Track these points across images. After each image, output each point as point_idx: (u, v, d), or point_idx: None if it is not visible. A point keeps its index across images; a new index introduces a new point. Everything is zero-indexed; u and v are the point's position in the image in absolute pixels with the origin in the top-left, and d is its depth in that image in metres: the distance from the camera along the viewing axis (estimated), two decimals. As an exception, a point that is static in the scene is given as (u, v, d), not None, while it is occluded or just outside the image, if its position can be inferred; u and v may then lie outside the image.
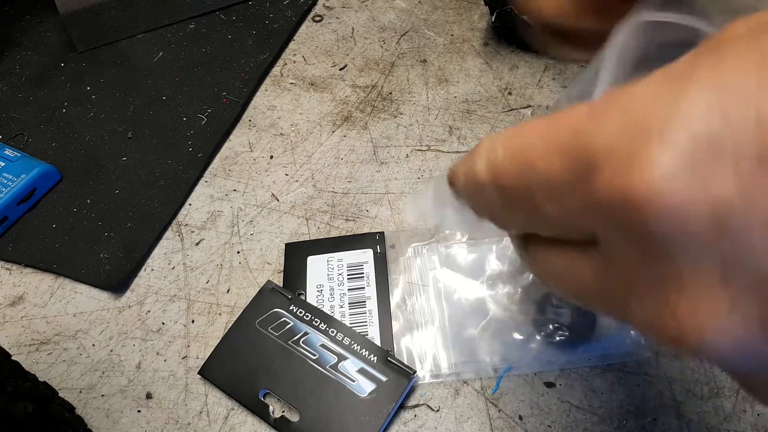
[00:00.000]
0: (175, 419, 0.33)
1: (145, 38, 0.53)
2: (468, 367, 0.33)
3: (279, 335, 0.34)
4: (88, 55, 0.53)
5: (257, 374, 0.33)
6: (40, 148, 0.46)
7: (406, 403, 0.33)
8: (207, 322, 0.37)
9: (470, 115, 0.46)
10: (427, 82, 0.48)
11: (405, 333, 0.35)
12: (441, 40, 0.51)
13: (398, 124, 0.46)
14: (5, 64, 0.53)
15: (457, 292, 0.36)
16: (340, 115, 0.47)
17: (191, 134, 0.46)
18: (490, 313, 0.35)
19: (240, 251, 0.40)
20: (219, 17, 0.54)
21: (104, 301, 0.38)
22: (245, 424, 0.33)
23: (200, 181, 0.44)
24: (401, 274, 0.37)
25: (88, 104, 0.49)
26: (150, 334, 0.36)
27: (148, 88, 0.50)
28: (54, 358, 0.36)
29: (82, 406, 0.34)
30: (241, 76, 0.49)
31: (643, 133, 0.12)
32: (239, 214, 0.42)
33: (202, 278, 0.39)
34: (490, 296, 0.35)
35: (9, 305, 0.38)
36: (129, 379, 0.35)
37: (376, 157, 0.44)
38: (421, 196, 0.24)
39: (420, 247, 0.38)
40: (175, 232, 0.41)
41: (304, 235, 0.40)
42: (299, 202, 0.42)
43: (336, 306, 0.36)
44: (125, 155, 0.45)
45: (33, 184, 0.42)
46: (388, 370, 0.32)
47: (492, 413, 0.32)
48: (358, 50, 0.51)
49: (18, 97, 0.50)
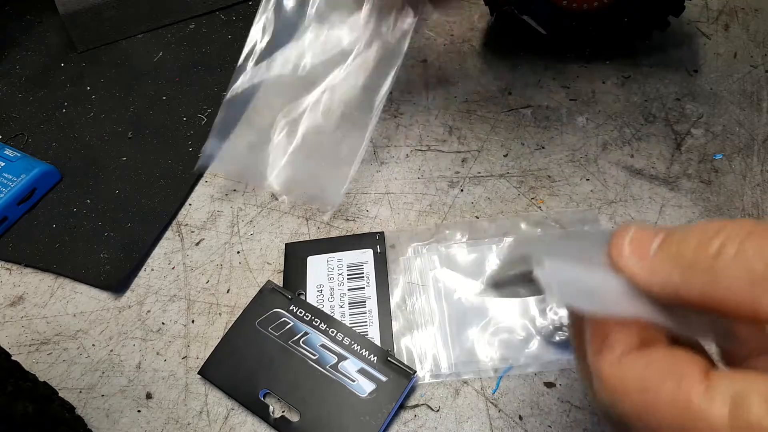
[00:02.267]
0: (175, 419, 0.33)
1: (145, 38, 0.53)
2: (468, 367, 0.33)
3: (279, 335, 0.34)
4: (88, 55, 0.53)
5: (257, 374, 0.33)
6: (40, 148, 0.46)
7: (406, 403, 0.33)
8: (207, 322, 0.37)
9: (470, 115, 0.46)
10: (427, 82, 0.48)
11: (405, 333, 0.35)
12: (441, 40, 0.51)
13: (398, 124, 0.46)
14: (5, 64, 0.53)
15: (457, 292, 0.36)
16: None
17: (191, 134, 0.46)
18: (490, 313, 0.35)
19: (240, 251, 0.40)
20: (219, 17, 0.54)
21: (104, 301, 0.38)
22: (245, 424, 0.33)
23: (200, 181, 0.44)
24: (401, 274, 0.37)
25: (88, 104, 0.49)
26: (150, 334, 0.36)
27: (148, 88, 0.50)
28: (54, 358, 0.36)
29: (82, 406, 0.34)
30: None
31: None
32: (239, 214, 0.42)
33: (202, 278, 0.39)
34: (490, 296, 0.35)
35: (9, 305, 0.38)
36: (129, 379, 0.35)
37: (376, 157, 0.44)
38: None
39: (420, 247, 0.38)
40: (175, 232, 0.41)
41: (304, 235, 0.40)
42: (299, 202, 0.42)
43: (336, 306, 0.36)
44: (125, 155, 0.45)
45: (33, 184, 0.42)
46: (388, 370, 0.32)
47: (492, 413, 0.32)
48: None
49: (18, 97, 0.50)
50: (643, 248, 0.18)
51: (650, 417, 0.17)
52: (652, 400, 0.16)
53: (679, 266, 0.17)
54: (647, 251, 0.18)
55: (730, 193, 0.40)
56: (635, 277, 0.18)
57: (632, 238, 0.18)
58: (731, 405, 0.15)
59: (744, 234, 0.16)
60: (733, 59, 0.48)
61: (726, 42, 0.49)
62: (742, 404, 0.15)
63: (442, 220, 0.40)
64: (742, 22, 0.50)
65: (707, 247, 0.16)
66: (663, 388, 0.16)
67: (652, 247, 0.18)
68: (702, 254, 0.16)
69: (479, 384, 0.33)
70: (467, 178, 0.42)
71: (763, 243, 0.15)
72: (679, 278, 0.17)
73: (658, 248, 0.17)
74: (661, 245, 0.17)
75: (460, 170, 0.43)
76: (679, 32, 0.49)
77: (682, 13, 0.44)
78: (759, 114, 0.44)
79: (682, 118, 0.44)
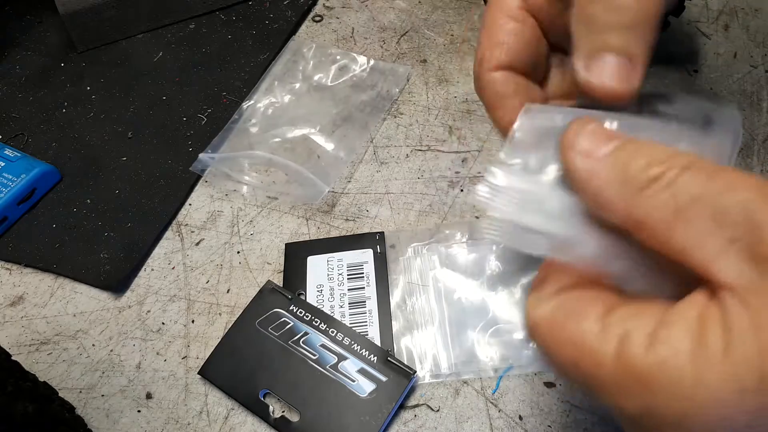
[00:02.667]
0: (175, 419, 0.33)
1: (145, 38, 0.53)
2: (468, 367, 0.33)
3: (279, 335, 0.34)
4: (88, 55, 0.53)
5: (257, 374, 0.33)
6: (40, 148, 0.46)
7: (406, 403, 0.33)
8: (207, 322, 0.37)
9: (470, 115, 0.46)
10: (427, 82, 0.48)
11: (405, 333, 0.35)
12: (441, 40, 0.51)
13: (398, 124, 0.46)
14: (5, 64, 0.53)
15: (457, 292, 0.36)
16: (340, 115, 0.47)
17: (191, 134, 0.46)
18: (490, 313, 0.35)
19: (240, 251, 0.40)
20: (219, 17, 0.54)
21: (104, 301, 0.38)
22: (245, 424, 0.33)
23: (200, 181, 0.44)
24: (401, 274, 0.37)
25: (88, 104, 0.49)
26: (150, 334, 0.36)
27: (148, 88, 0.50)
28: (54, 358, 0.36)
29: (82, 406, 0.34)
30: (241, 76, 0.49)
31: None
32: (239, 214, 0.42)
33: (202, 278, 0.39)
34: (490, 296, 0.35)
35: (9, 305, 0.38)
36: (129, 379, 0.35)
37: (376, 157, 0.44)
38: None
39: (420, 247, 0.38)
40: (175, 232, 0.41)
41: (304, 235, 0.40)
42: (299, 202, 0.42)
43: (336, 306, 0.36)
44: (125, 155, 0.45)
45: (33, 184, 0.42)
46: (388, 370, 0.32)
47: (492, 413, 0.32)
48: (358, 50, 0.51)
49: (18, 97, 0.50)
50: (595, 147, 0.18)
51: (554, 356, 0.17)
52: (556, 338, 0.17)
53: (619, 179, 0.17)
54: (597, 151, 0.18)
55: (730, 193, 0.40)
56: (574, 172, 0.18)
57: (588, 131, 0.18)
58: (617, 342, 0.16)
59: (684, 164, 0.16)
60: (732, 59, 0.48)
61: (726, 42, 0.49)
62: (626, 341, 0.16)
63: (442, 220, 0.40)
64: (742, 22, 0.50)
65: (652, 168, 0.16)
66: (565, 328, 0.17)
67: (603, 150, 0.18)
68: (643, 175, 0.16)
69: (479, 384, 0.33)
70: (467, 178, 0.42)
71: (696, 175, 0.16)
72: (614, 191, 0.17)
73: (610, 153, 0.18)
74: (614, 151, 0.18)
75: (460, 170, 0.42)
76: (679, 32, 0.49)
77: (682, 13, 0.44)
78: (759, 114, 0.44)
79: (682, 118, 0.44)
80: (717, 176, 0.16)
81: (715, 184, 0.15)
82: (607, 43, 0.19)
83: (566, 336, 0.17)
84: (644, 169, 0.17)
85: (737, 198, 0.15)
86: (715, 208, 0.15)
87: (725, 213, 0.15)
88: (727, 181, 0.15)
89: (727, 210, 0.15)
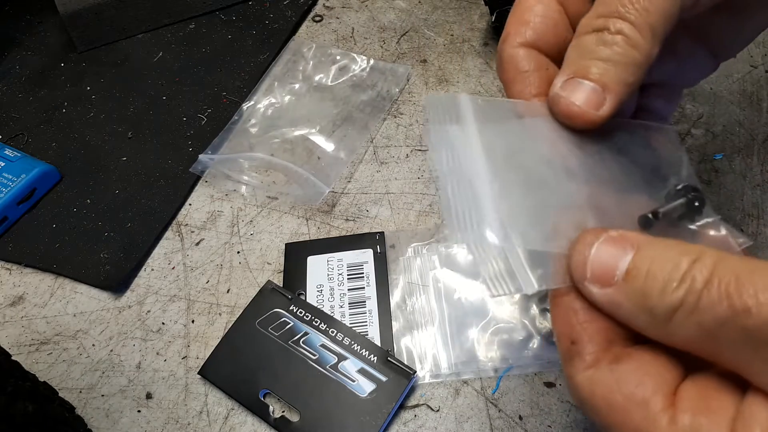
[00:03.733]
0: (175, 419, 0.33)
1: (145, 38, 0.53)
2: (468, 367, 0.33)
3: (279, 335, 0.34)
4: (88, 55, 0.53)
5: (257, 374, 0.33)
6: (40, 148, 0.46)
7: (406, 403, 0.33)
8: (207, 322, 0.37)
9: (470, 115, 0.46)
10: (427, 82, 0.48)
11: (405, 333, 0.35)
12: (441, 40, 0.51)
13: (398, 124, 0.46)
14: (5, 64, 0.53)
15: (457, 292, 0.36)
16: (340, 115, 0.47)
17: (191, 134, 0.46)
18: (490, 313, 0.35)
19: (240, 251, 0.40)
20: (219, 17, 0.54)
21: (104, 301, 0.38)
22: (245, 424, 0.33)
23: (200, 181, 0.44)
24: (401, 274, 0.37)
25: (88, 104, 0.49)
26: (150, 334, 0.36)
27: (148, 88, 0.50)
28: (54, 358, 0.36)
29: (82, 406, 0.34)
30: (241, 76, 0.49)
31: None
32: (239, 215, 0.42)
33: (202, 278, 0.39)
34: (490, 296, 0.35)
35: (9, 305, 0.38)
36: (129, 379, 0.35)
37: (376, 157, 0.44)
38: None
39: (420, 247, 0.38)
40: (175, 232, 0.41)
41: (304, 235, 0.40)
42: (299, 203, 0.42)
43: (336, 306, 0.36)
44: (125, 155, 0.45)
45: (33, 184, 0.42)
46: (388, 370, 0.32)
47: (492, 413, 0.32)
48: (358, 50, 0.51)
49: (18, 97, 0.50)
50: (608, 273, 0.17)
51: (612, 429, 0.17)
52: (620, 421, 0.17)
53: (642, 311, 0.17)
54: (611, 277, 0.17)
55: (730, 193, 0.40)
56: (597, 304, 0.18)
57: (595, 259, 0.18)
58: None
59: (701, 280, 0.16)
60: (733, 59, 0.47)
61: (726, 42, 0.49)
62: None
63: (442, 220, 0.40)
64: (742, 22, 0.50)
65: (671, 295, 0.16)
66: (629, 414, 0.17)
67: (617, 274, 0.17)
68: (662, 305, 0.16)
69: (479, 384, 0.33)
70: (467, 178, 0.42)
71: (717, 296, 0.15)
72: (642, 323, 0.17)
73: (623, 279, 0.17)
74: (626, 277, 0.17)
75: (460, 170, 0.42)
76: (679, 32, 0.49)
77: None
78: (759, 114, 0.44)
79: (683, 118, 0.44)
80: (737, 292, 0.15)
81: (737, 303, 0.15)
82: (588, 71, 0.21)
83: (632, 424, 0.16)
84: (661, 296, 0.16)
85: (763, 318, 0.14)
86: (745, 334, 0.15)
87: (757, 339, 0.15)
88: (749, 294, 0.15)
89: (757, 336, 0.15)
